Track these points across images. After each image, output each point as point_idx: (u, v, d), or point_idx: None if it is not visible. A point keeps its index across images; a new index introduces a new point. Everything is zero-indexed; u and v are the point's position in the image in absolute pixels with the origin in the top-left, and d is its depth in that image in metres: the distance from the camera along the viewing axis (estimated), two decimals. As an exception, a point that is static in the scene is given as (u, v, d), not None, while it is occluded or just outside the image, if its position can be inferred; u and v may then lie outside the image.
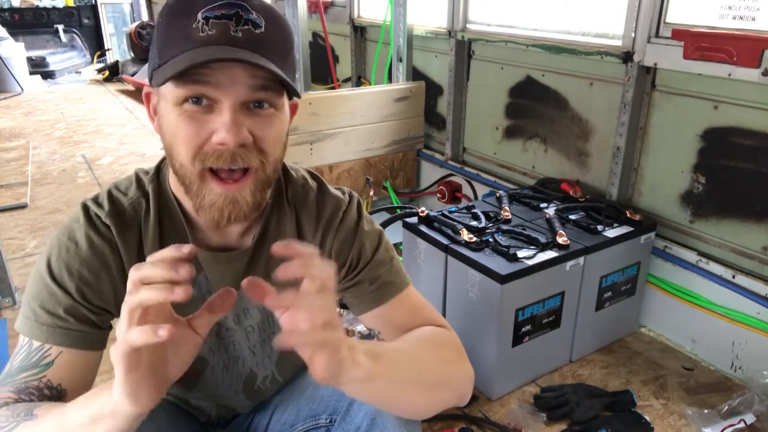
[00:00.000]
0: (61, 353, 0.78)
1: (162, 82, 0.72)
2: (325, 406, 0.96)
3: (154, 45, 0.76)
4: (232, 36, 0.71)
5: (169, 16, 0.75)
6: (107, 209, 0.83)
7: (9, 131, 4.56)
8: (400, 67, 2.92)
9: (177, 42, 0.72)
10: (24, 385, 0.76)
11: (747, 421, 1.54)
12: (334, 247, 0.93)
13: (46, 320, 0.78)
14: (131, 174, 0.89)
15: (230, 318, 0.93)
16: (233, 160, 0.73)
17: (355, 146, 2.74)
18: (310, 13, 3.21)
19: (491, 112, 2.60)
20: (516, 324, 1.63)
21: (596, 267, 1.76)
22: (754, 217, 1.72)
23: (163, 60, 0.73)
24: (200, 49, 0.70)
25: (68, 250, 0.80)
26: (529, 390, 1.72)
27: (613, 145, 2.04)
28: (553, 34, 2.25)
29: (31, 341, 0.78)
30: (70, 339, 0.79)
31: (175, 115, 0.74)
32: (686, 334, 1.91)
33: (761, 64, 1.54)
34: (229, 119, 0.72)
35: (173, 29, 0.73)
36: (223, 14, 0.71)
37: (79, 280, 0.79)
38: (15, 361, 0.78)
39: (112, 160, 3.91)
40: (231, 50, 0.70)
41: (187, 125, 0.73)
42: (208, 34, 0.71)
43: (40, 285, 0.80)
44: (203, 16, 0.71)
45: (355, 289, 0.94)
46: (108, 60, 7.59)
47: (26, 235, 2.77)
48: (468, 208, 1.93)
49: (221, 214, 0.76)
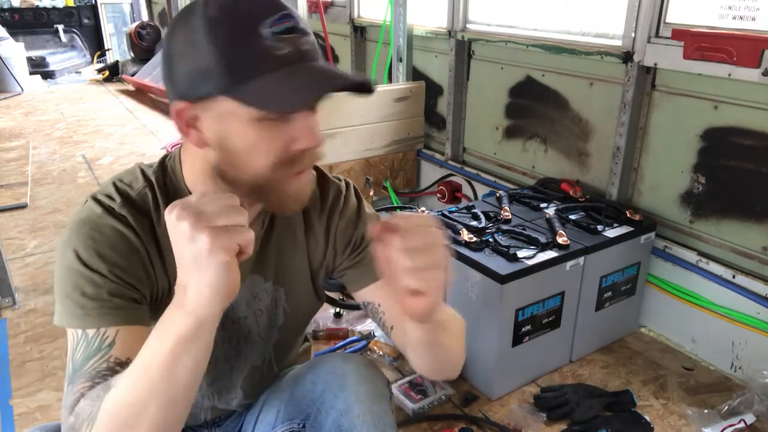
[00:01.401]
0: (119, 332, 0.77)
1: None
2: (298, 410, 0.98)
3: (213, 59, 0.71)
4: (302, 50, 0.73)
5: (230, 33, 0.71)
6: (119, 201, 0.83)
7: (9, 131, 4.56)
8: (400, 67, 2.92)
9: (252, 61, 0.71)
10: (95, 371, 0.75)
11: (747, 421, 1.54)
12: (339, 228, 0.97)
13: (92, 306, 0.77)
14: (133, 167, 0.90)
15: (242, 304, 0.95)
16: (311, 161, 0.80)
17: (355, 146, 2.74)
18: (310, 13, 3.21)
19: (491, 112, 2.60)
20: (516, 324, 1.63)
21: (596, 267, 1.76)
22: (754, 217, 1.72)
23: (241, 80, 0.71)
24: (287, 68, 0.71)
25: (95, 239, 0.80)
26: (529, 390, 1.72)
27: (613, 145, 2.04)
28: (553, 34, 2.25)
29: (86, 331, 0.77)
30: (122, 317, 0.78)
31: (254, 131, 0.74)
32: (686, 334, 1.91)
33: (761, 64, 1.54)
34: (314, 125, 0.76)
35: (241, 47, 0.71)
36: (287, 28, 0.72)
37: (112, 264, 0.79)
38: (77, 356, 0.77)
39: (112, 160, 3.91)
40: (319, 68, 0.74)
41: (270, 139, 0.74)
42: (286, 52, 0.72)
43: (75, 276, 0.78)
44: (270, 33, 0.71)
45: (359, 264, 0.98)
46: (108, 60, 7.59)
47: (26, 235, 2.77)
48: (468, 208, 1.93)
49: (301, 202, 0.83)
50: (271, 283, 0.96)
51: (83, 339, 0.78)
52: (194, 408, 1.04)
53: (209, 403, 1.04)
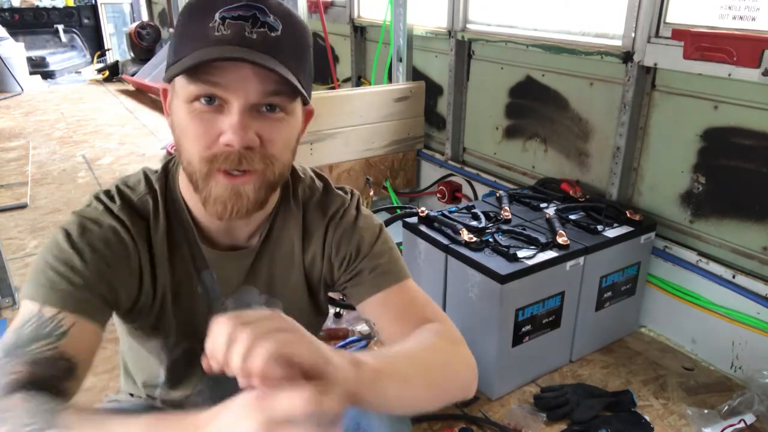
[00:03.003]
0: (75, 324, 0.74)
1: (171, 77, 0.73)
2: None
3: (172, 42, 0.77)
4: (247, 37, 0.71)
5: (188, 14, 0.75)
6: (119, 203, 0.83)
7: (9, 131, 4.56)
8: (400, 67, 2.92)
9: (192, 40, 0.73)
10: (38, 356, 0.71)
11: (747, 421, 1.54)
12: (334, 240, 0.94)
13: (62, 286, 0.75)
14: (138, 171, 0.89)
15: None
16: (239, 162, 0.74)
17: (355, 146, 2.74)
18: (310, 13, 3.21)
19: (491, 112, 2.60)
20: (516, 324, 1.63)
21: (596, 267, 1.76)
22: (754, 217, 1.72)
23: (178, 57, 0.74)
24: (213, 48, 0.71)
25: (91, 230, 0.79)
26: (529, 390, 1.72)
27: (613, 145, 2.04)
28: (553, 34, 2.25)
29: (42, 309, 0.74)
30: (84, 309, 0.75)
31: (185, 113, 0.74)
32: (686, 334, 1.91)
33: (761, 64, 1.54)
34: (236, 121, 0.72)
35: (190, 27, 0.74)
36: (240, 15, 0.72)
37: (98, 255, 0.78)
38: (24, 331, 0.73)
39: (112, 160, 3.91)
40: (242, 51, 0.70)
41: (197, 124, 0.74)
42: (223, 34, 0.71)
43: (57, 252, 0.77)
44: (220, 16, 0.72)
45: (355, 278, 0.94)
46: (108, 60, 7.59)
47: (26, 235, 2.77)
48: (468, 208, 1.93)
49: (224, 207, 0.76)
50: (266, 296, 0.94)
51: (37, 317, 0.74)
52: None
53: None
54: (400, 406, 0.78)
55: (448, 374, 0.83)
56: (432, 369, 0.80)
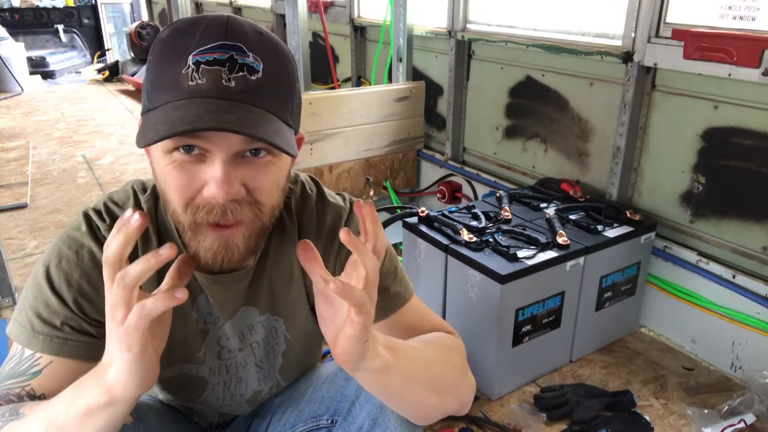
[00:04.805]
0: (51, 363, 0.77)
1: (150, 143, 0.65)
2: (326, 407, 0.95)
3: (146, 83, 0.71)
4: (224, 86, 0.65)
5: (160, 54, 0.69)
6: (107, 223, 0.81)
7: (9, 131, 4.56)
8: (400, 67, 2.92)
9: (166, 87, 0.67)
10: (6, 391, 0.75)
11: (747, 421, 1.54)
12: (338, 260, 0.91)
13: (41, 329, 0.77)
14: (127, 186, 0.87)
15: (234, 338, 0.92)
16: (224, 214, 0.70)
17: (355, 146, 2.74)
18: (310, 13, 3.21)
19: (491, 112, 2.60)
20: (516, 324, 1.63)
21: (596, 267, 1.76)
22: (754, 217, 1.72)
23: (152, 105, 0.69)
24: (188, 101, 0.65)
25: (69, 260, 0.79)
26: (529, 390, 1.72)
27: (613, 145, 2.04)
28: (553, 34, 2.25)
29: (24, 349, 0.77)
30: (65, 349, 0.77)
31: (165, 163, 0.69)
32: (686, 334, 1.91)
33: (761, 64, 1.54)
34: (220, 174, 0.67)
35: (163, 71, 0.68)
36: (216, 59, 0.65)
37: (78, 292, 0.78)
38: (6, 368, 0.77)
39: (112, 160, 3.91)
40: (219, 107, 0.65)
41: (178, 175, 0.69)
42: (198, 84, 0.65)
43: (38, 292, 0.78)
44: (194, 61, 0.65)
45: None
46: (108, 60, 7.58)
47: (26, 235, 2.77)
48: (468, 208, 1.93)
49: (214, 258, 0.73)
50: (267, 315, 0.93)
51: (18, 355, 0.78)
52: (200, 413, 1.04)
53: (214, 412, 1.03)
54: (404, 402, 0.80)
55: (454, 389, 0.85)
56: (441, 386, 0.82)
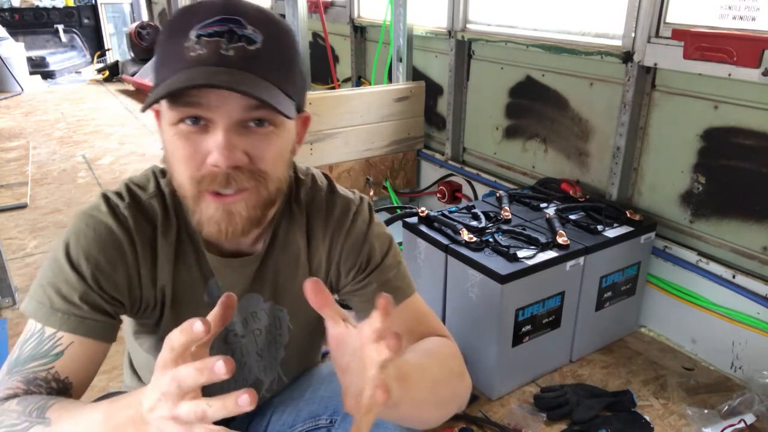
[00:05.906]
0: (72, 343, 0.77)
1: (147, 106, 0.71)
2: (325, 406, 0.96)
3: (153, 62, 0.75)
4: (223, 55, 0.69)
5: (166, 34, 0.73)
6: (127, 201, 0.83)
7: (9, 131, 4.56)
8: (400, 67, 2.92)
9: (170, 62, 0.71)
10: (33, 375, 0.75)
11: (747, 421, 1.54)
12: (344, 248, 0.92)
13: (60, 306, 0.77)
14: (147, 171, 0.89)
15: (238, 323, 0.93)
16: (227, 183, 0.72)
17: (355, 146, 2.74)
18: (310, 13, 3.21)
19: (491, 112, 2.60)
20: (516, 324, 1.63)
21: (596, 267, 1.76)
22: (754, 217, 1.72)
23: (159, 80, 0.72)
24: (189, 70, 0.69)
25: (86, 236, 0.80)
26: (529, 390, 1.72)
27: (613, 145, 2.04)
28: (553, 34, 2.25)
29: (44, 328, 0.77)
30: (83, 327, 0.78)
31: (171, 135, 0.73)
32: (686, 334, 1.91)
33: (761, 64, 1.54)
34: (221, 141, 0.70)
35: (168, 48, 0.72)
36: (216, 31, 0.69)
37: (96, 267, 0.79)
38: (25, 349, 0.77)
39: (112, 160, 3.91)
40: (218, 71, 0.68)
41: (183, 146, 0.72)
42: (199, 54, 0.69)
43: (57, 269, 0.79)
44: (196, 34, 0.69)
45: (362, 292, 0.93)
46: (108, 60, 7.58)
47: (26, 235, 2.77)
48: (468, 208, 1.93)
49: (218, 228, 0.75)
50: (271, 303, 0.93)
51: (39, 335, 0.77)
52: None
53: None
54: (407, 422, 0.79)
55: (455, 399, 0.85)
56: (444, 400, 0.81)
